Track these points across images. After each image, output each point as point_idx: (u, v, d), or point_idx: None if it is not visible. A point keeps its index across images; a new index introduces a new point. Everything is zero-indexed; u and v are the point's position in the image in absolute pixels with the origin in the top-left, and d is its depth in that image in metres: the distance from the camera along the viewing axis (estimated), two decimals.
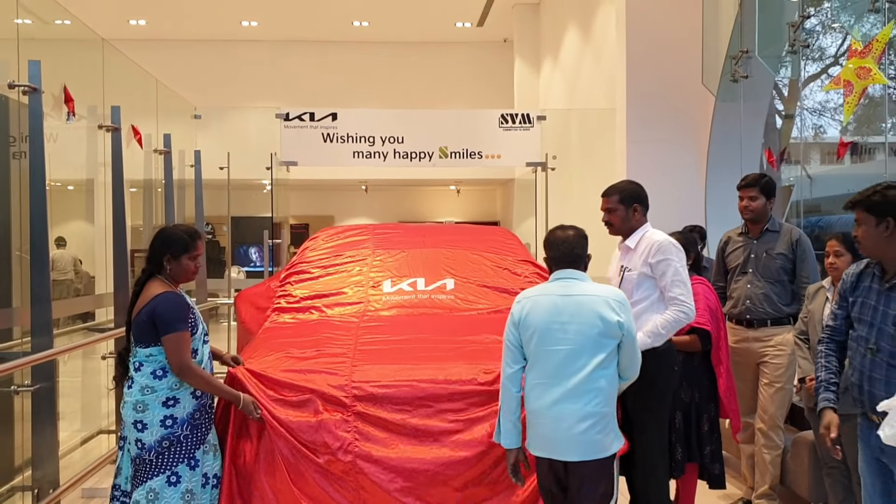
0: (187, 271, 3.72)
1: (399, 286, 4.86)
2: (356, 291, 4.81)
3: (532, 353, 3.28)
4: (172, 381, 3.58)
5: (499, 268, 5.12)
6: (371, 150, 9.69)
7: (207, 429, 3.68)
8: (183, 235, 3.74)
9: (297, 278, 5.15)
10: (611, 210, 4.13)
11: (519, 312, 3.32)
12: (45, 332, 4.84)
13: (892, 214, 3.05)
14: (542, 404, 3.23)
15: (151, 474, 3.53)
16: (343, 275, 5.09)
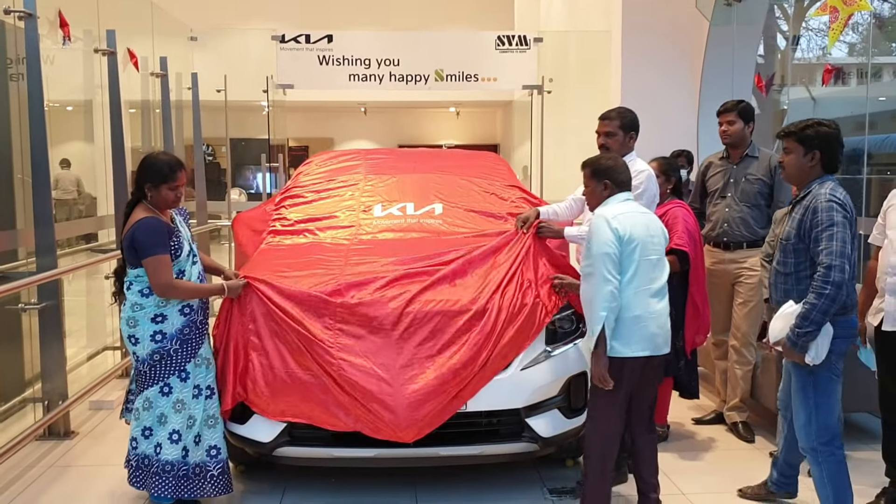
0: (167, 200, 3.87)
1: (389, 210, 5.04)
2: (348, 215, 4.98)
3: (634, 265, 3.56)
4: (159, 299, 3.83)
5: (486, 192, 5.27)
6: (367, 73, 9.70)
7: (198, 343, 3.93)
8: (163, 166, 3.88)
9: (292, 202, 5.32)
10: (610, 134, 4.35)
11: (622, 229, 3.55)
12: (49, 253, 5.04)
13: (819, 148, 3.57)
14: (647, 308, 3.58)
15: (147, 384, 3.84)
16: (335, 199, 5.25)
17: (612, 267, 3.52)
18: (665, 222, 4.50)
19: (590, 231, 3.62)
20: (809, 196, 3.59)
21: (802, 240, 3.55)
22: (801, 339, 3.44)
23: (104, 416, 5.55)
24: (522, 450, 4.01)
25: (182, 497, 3.86)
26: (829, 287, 3.37)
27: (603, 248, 3.53)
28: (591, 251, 3.56)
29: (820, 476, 3.59)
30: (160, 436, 3.83)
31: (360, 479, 4.39)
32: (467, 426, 3.96)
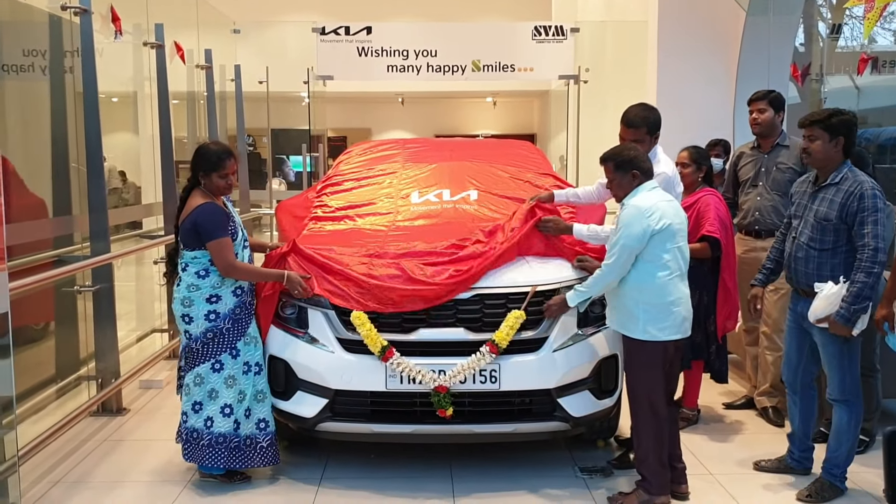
0: (218, 187, 4.14)
1: (426, 197, 5.21)
2: (386, 203, 5.16)
3: (670, 252, 3.75)
4: (215, 281, 4.09)
5: (520, 180, 5.42)
6: (405, 64, 9.85)
7: (247, 323, 4.17)
8: (212, 155, 4.13)
9: (333, 190, 5.51)
10: (637, 141, 4.38)
11: (656, 222, 3.72)
12: (102, 238, 5.30)
13: (843, 134, 3.92)
14: (679, 293, 3.80)
15: (198, 361, 4.09)
16: (374, 187, 5.44)
17: (629, 259, 3.72)
18: (696, 210, 4.65)
19: (622, 218, 3.76)
20: (849, 182, 3.91)
21: (844, 221, 3.87)
22: (855, 314, 3.76)
23: (153, 395, 5.81)
24: (554, 428, 4.16)
25: (234, 467, 4.13)
26: (876, 266, 3.74)
27: (631, 241, 3.70)
28: (615, 237, 3.73)
29: (848, 422, 3.99)
30: (211, 410, 4.07)
31: (398, 457, 4.57)
32: (501, 405, 4.12)
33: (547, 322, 4.12)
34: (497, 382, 4.03)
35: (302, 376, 4.17)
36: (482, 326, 4.08)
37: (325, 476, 4.32)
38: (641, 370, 3.82)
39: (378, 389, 4.05)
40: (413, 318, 4.08)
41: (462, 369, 3.96)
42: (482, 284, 4.13)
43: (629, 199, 3.83)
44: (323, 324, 4.14)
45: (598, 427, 4.61)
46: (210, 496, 4.09)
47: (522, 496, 4.08)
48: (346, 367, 4.07)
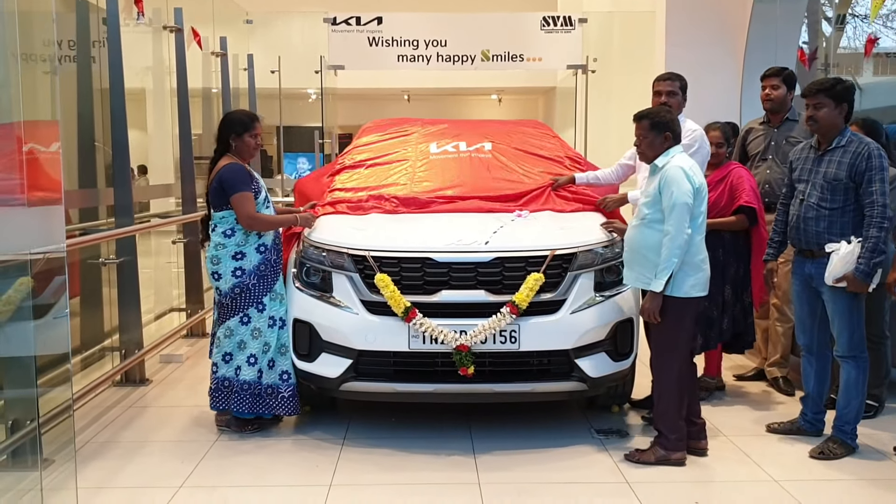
0: (249, 147, 4.47)
1: (444, 147, 5.51)
2: (404, 153, 5.48)
3: (702, 215, 3.94)
4: (240, 239, 4.38)
5: (533, 139, 5.64)
6: (415, 54, 9.97)
7: (273, 280, 4.45)
8: (243, 117, 4.53)
9: (348, 174, 5.56)
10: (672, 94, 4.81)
11: (697, 182, 3.92)
12: (127, 212, 5.42)
13: (846, 100, 4.11)
14: (705, 252, 3.99)
15: (228, 315, 4.39)
16: (391, 155, 5.56)
17: (688, 217, 3.85)
18: (729, 183, 4.77)
19: (666, 181, 3.88)
20: (855, 144, 4.11)
21: (853, 180, 4.05)
22: (875, 267, 3.93)
23: (174, 368, 5.92)
24: (572, 388, 4.28)
25: (258, 413, 4.40)
26: (885, 221, 3.94)
27: (683, 198, 3.83)
28: (669, 200, 3.84)
29: (856, 379, 4.14)
30: (239, 359, 4.35)
31: (418, 420, 4.69)
32: (521, 365, 4.24)
33: (565, 285, 4.24)
34: (517, 342, 4.15)
35: (326, 338, 4.29)
36: (502, 289, 4.19)
37: (347, 437, 4.44)
38: (670, 327, 3.93)
39: (401, 349, 4.17)
40: (435, 280, 4.20)
41: (483, 329, 4.08)
42: (502, 247, 4.25)
43: (664, 160, 3.96)
44: (347, 287, 4.26)
45: (613, 392, 4.72)
46: (236, 454, 4.21)
47: (541, 454, 4.19)
48: (369, 328, 4.19)
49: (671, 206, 3.84)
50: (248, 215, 4.32)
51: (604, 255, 4.37)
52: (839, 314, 4.12)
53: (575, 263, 4.27)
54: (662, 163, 3.95)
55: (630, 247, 4.05)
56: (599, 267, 4.33)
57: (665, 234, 3.86)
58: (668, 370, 4.00)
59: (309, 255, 4.43)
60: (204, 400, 5.05)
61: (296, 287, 4.44)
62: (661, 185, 3.89)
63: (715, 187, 4.80)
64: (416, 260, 4.23)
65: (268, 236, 4.49)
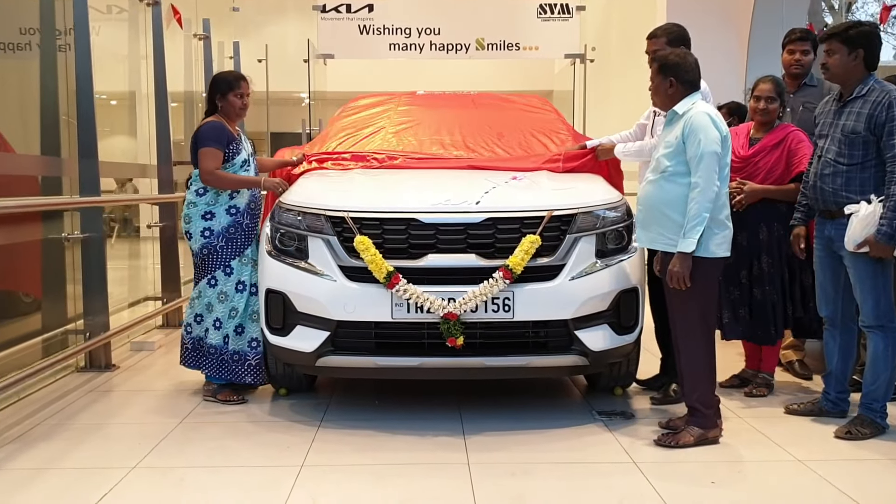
0: (234, 106, 4.35)
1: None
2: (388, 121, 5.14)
3: (727, 167, 3.59)
4: (210, 198, 4.26)
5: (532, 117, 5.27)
6: (407, 42, 9.64)
7: (244, 245, 4.29)
8: (228, 76, 4.47)
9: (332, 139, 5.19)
10: (657, 52, 4.17)
11: (724, 129, 3.55)
12: (93, 187, 5.04)
13: (862, 46, 3.72)
14: (728, 208, 3.64)
15: (199, 277, 4.31)
16: (374, 124, 5.20)
17: (717, 168, 3.48)
18: (786, 147, 4.31)
19: (691, 129, 3.49)
20: (875, 92, 3.71)
21: (873, 132, 3.67)
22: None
23: (146, 356, 5.52)
24: (571, 363, 3.88)
25: (226, 378, 4.28)
26: None
27: (712, 146, 3.46)
28: (695, 150, 3.46)
29: (884, 351, 3.74)
30: (207, 322, 4.27)
31: (404, 401, 4.30)
32: (515, 336, 3.85)
33: (563, 248, 3.85)
34: (510, 311, 3.75)
35: (302, 309, 3.90)
36: (495, 252, 3.81)
37: (325, 419, 4.03)
38: (698, 292, 3.53)
39: (383, 320, 3.78)
40: (421, 243, 3.82)
41: (473, 296, 3.69)
42: (494, 207, 3.87)
43: (685, 106, 3.58)
44: (324, 251, 3.87)
45: (616, 372, 4.32)
46: (202, 436, 3.80)
47: (538, 434, 3.79)
48: (349, 296, 3.79)
49: (698, 156, 3.45)
50: (206, 170, 4.20)
51: (607, 217, 3.98)
52: (862, 280, 3.74)
53: (574, 225, 3.88)
54: (683, 109, 3.57)
55: (647, 204, 3.65)
56: (602, 230, 3.95)
57: (693, 187, 3.47)
58: (697, 340, 3.61)
59: (282, 220, 4.04)
60: (174, 382, 4.71)
61: (268, 255, 4.06)
62: (685, 133, 3.51)
63: (770, 152, 4.33)
64: (400, 221, 3.84)
65: (240, 199, 4.30)
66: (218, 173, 4.20)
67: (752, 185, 4.27)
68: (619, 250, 4.00)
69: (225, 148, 4.25)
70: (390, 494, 3.10)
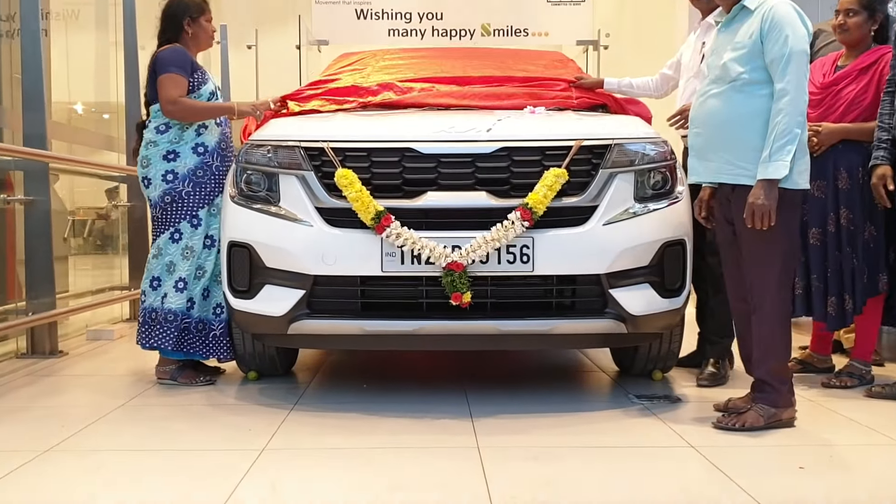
0: (207, 32, 3.76)
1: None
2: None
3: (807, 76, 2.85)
4: (174, 135, 3.60)
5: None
6: (407, 28, 9.02)
7: (214, 192, 3.62)
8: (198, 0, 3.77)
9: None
10: None
11: (810, 26, 2.82)
12: (39, 142, 4.33)
13: None
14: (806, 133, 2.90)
15: (160, 231, 3.61)
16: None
17: (807, 71, 2.76)
18: (879, 70, 3.49)
19: (773, 23, 2.75)
20: None
21: None
22: None
23: (102, 345, 4.76)
24: (605, 329, 3.11)
25: (185, 353, 3.57)
26: None
27: (801, 43, 2.74)
28: (780, 49, 2.73)
29: None
30: (167, 285, 3.57)
31: (398, 383, 3.55)
32: (535, 294, 3.10)
33: (595, 186, 3.10)
34: (530, 263, 3.01)
35: (271, 263, 3.15)
36: (510, 190, 3.07)
37: (301, 402, 3.27)
38: (780, 231, 2.78)
39: (371, 274, 3.03)
40: (418, 178, 3.09)
41: (484, 242, 2.95)
42: (510, 135, 3.14)
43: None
44: (298, 192, 3.13)
45: (656, 352, 3.56)
46: (147, 418, 3.05)
47: (563, 418, 3.03)
48: (328, 245, 3.05)
49: (784, 57, 2.71)
50: (169, 98, 3.52)
51: (647, 154, 3.23)
52: None
53: (609, 159, 3.14)
54: (756, 4, 2.83)
55: (709, 125, 2.90)
56: (642, 167, 3.20)
57: (779, 95, 2.73)
58: (773, 296, 2.85)
59: (251, 158, 3.30)
60: (129, 367, 3.97)
61: (231, 201, 3.32)
62: (765, 29, 2.76)
63: (856, 78, 3.53)
64: (393, 151, 3.11)
65: (210, 135, 3.65)
66: (183, 101, 3.54)
67: (827, 125, 3.50)
68: (663, 195, 3.26)
69: (190, 76, 3.60)
70: (374, 481, 2.33)
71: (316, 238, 3.07)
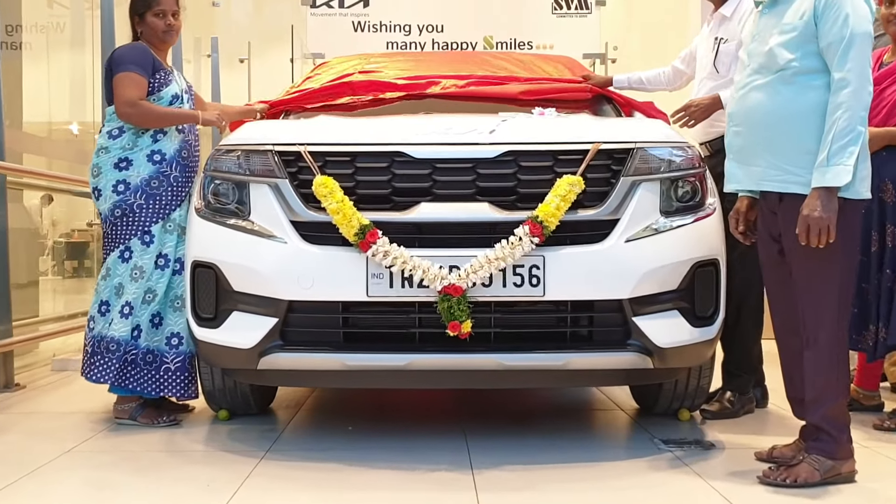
0: (156, 29, 3.30)
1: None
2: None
3: None
4: (127, 140, 3.22)
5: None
6: (406, 41, 8.69)
7: (171, 204, 3.22)
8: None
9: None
10: None
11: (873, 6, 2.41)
12: None
13: None
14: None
15: (109, 249, 3.23)
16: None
17: (870, 57, 2.34)
18: None
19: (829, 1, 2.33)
20: None
21: None
22: None
23: (67, 376, 4.33)
24: (628, 364, 2.67)
25: (125, 388, 3.12)
26: None
27: (864, 24, 2.32)
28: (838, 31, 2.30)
29: None
30: (115, 311, 3.16)
31: (388, 427, 3.09)
32: (546, 323, 2.66)
33: (616, 197, 2.67)
34: (540, 286, 2.57)
35: (240, 287, 2.73)
36: (517, 201, 2.64)
37: (274, 448, 2.81)
38: (841, 248, 2.34)
39: (355, 299, 2.60)
40: (411, 187, 2.66)
41: (486, 262, 2.52)
42: (516, 137, 2.72)
43: None
44: (271, 203, 2.70)
45: (683, 387, 3.10)
46: (89, 467, 2.61)
47: (584, 470, 2.57)
48: (305, 264, 2.63)
49: (844, 41, 2.28)
50: (126, 100, 3.13)
51: (674, 160, 2.80)
52: None
53: (631, 165, 2.71)
54: None
55: (752, 122, 2.45)
56: (668, 176, 2.77)
57: (838, 86, 2.30)
58: (829, 326, 2.40)
59: (219, 165, 2.88)
60: (89, 404, 3.53)
61: (197, 214, 2.90)
62: (819, 7, 2.33)
63: None
64: (381, 155, 2.69)
65: (168, 142, 3.24)
66: (142, 104, 3.15)
67: (869, 129, 3.06)
68: (692, 207, 2.83)
69: (150, 76, 3.21)
70: None
71: (290, 257, 2.64)
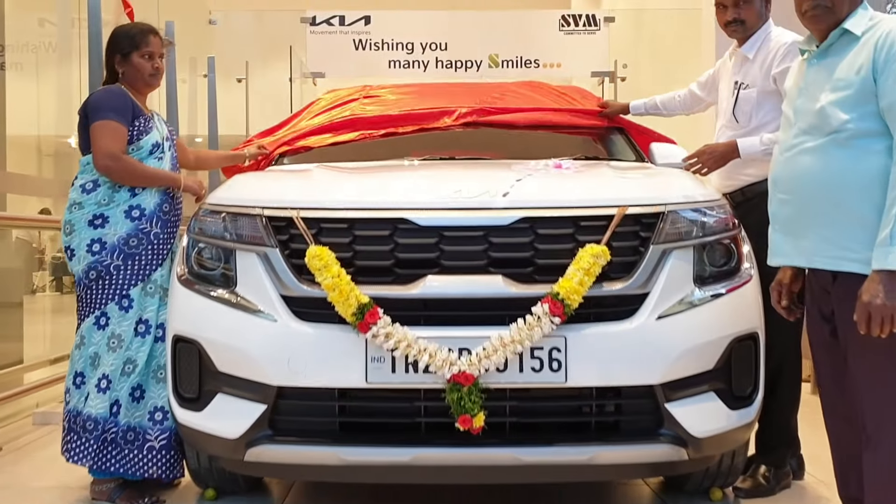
0: (142, 72, 3.10)
1: None
2: None
3: None
4: (103, 195, 3.00)
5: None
6: (409, 59, 8.44)
7: (151, 264, 3.00)
8: (131, 30, 3.16)
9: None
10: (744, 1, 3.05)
11: None
12: None
13: None
14: None
15: (84, 314, 3.01)
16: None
17: None
18: None
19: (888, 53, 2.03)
20: None
21: None
22: None
23: (49, 432, 4.06)
24: (661, 457, 2.39)
25: (106, 471, 2.89)
26: None
27: None
28: None
29: None
30: (91, 384, 2.93)
31: None
32: (568, 412, 2.38)
33: (646, 268, 2.39)
34: (561, 371, 2.29)
35: (224, 368, 2.46)
36: (535, 273, 2.36)
37: None
38: None
39: (352, 385, 2.33)
40: (415, 259, 2.38)
41: (501, 344, 2.24)
42: (533, 201, 2.43)
43: (864, 21, 2.12)
44: (259, 273, 2.43)
45: (715, 468, 2.80)
46: None
47: None
48: (297, 346, 2.36)
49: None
50: (105, 151, 2.90)
51: (707, 222, 2.53)
52: None
53: (662, 232, 2.43)
54: (863, 27, 2.11)
55: (802, 189, 2.15)
56: (702, 241, 2.49)
57: None
58: (895, 425, 2.09)
59: (204, 228, 2.61)
60: (68, 475, 3.23)
61: (179, 282, 2.62)
62: (879, 61, 2.03)
63: None
64: (382, 222, 2.41)
65: (148, 196, 3.01)
66: (125, 159, 2.94)
67: None
68: (727, 274, 2.55)
69: (129, 124, 3.00)
70: None
71: (280, 337, 2.37)
